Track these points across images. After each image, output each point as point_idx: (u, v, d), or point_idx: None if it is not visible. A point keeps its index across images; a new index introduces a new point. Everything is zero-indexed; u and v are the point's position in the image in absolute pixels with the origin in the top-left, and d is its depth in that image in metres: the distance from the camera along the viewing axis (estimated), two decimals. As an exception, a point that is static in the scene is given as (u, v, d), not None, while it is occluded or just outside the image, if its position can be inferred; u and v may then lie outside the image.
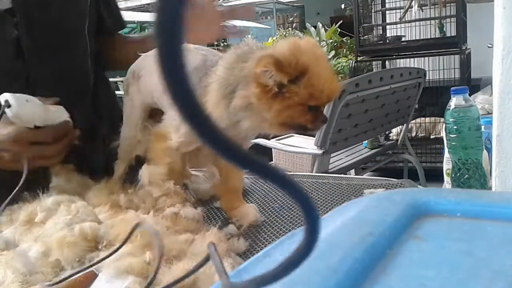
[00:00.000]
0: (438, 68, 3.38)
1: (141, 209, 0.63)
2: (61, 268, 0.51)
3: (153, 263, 0.48)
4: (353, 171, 2.52)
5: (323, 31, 6.26)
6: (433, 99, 3.26)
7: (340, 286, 0.18)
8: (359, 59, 3.46)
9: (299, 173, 1.10)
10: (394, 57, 3.59)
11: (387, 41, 3.49)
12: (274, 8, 10.03)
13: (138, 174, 0.70)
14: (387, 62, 3.82)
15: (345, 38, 5.93)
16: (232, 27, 0.87)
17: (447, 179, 1.10)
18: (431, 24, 3.51)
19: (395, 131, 2.90)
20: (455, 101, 0.97)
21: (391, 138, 2.92)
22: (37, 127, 0.68)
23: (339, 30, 6.16)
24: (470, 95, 1.04)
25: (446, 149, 1.03)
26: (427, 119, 3.37)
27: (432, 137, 3.33)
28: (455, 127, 0.96)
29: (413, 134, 3.38)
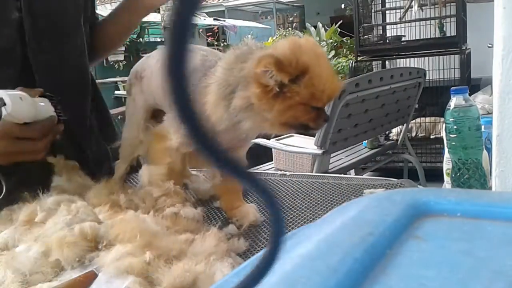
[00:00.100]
0: (438, 68, 3.38)
1: (141, 209, 0.63)
2: (61, 268, 0.51)
3: (153, 262, 0.48)
4: (353, 171, 2.52)
5: (323, 31, 6.26)
6: (433, 99, 3.26)
7: (340, 286, 0.18)
8: (359, 59, 3.46)
9: (299, 173, 1.10)
10: (394, 57, 3.59)
11: (387, 41, 3.49)
12: (274, 8, 10.03)
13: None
14: (387, 62, 3.82)
15: (345, 38, 5.93)
16: (232, 27, 0.86)
17: (447, 179, 1.10)
18: (431, 24, 3.51)
19: (395, 131, 2.90)
20: (455, 101, 0.97)
21: (391, 138, 2.92)
22: (25, 122, 0.67)
23: (339, 30, 6.17)
24: (470, 95, 1.04)
25: (446, 149, 1.03)
26: (427, 119, 3.37)
27: (432, 137, 3.33)
28: (455, 127, 0.96)
29: (413, 134, 3.38)
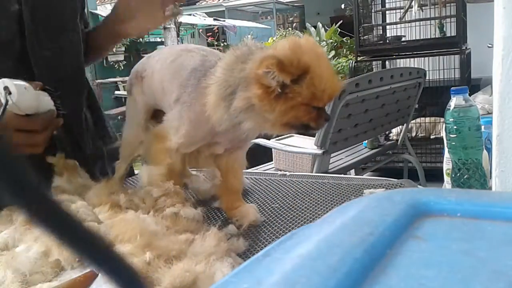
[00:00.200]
0: (438, 68, 3.38)
1: (141, 209, 0.63)
2: (61, 268, 0.51)
3: (153, 262, 0.48)
4: (353, 171, 2.52)
5: (323, 31, 6.26)
6: (433, 99, 3.26)
7: (340, 286, 0.18)
8: (359, 59, 3.46)
9: (299, 173, 1.10)
10: (394, 57, 3.59)
11: (387, 41, 3.49)
12: (274, 8, 10.03)
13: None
14: (387, 62, 3.82)
15: (345, 38, 5.93)
16: (232, 27, 0.86)
17: (447, 179, 1.10)
18: (431, 24, 3.51)
19: (395, 131, 2.90)
20: (455, 101, 0.97)
21: (391, 138, 2.92)
22: (27, 114, 0.66)
23: (339, 30, 6.17)
24: (470, 95, 1.04)
25: (446, 149, 1.03)
26: (427, 119, 3.37)
27: (432, 137, 3.33)
28: (455, 127, 0.96)
29: (413, 134, 3.39)
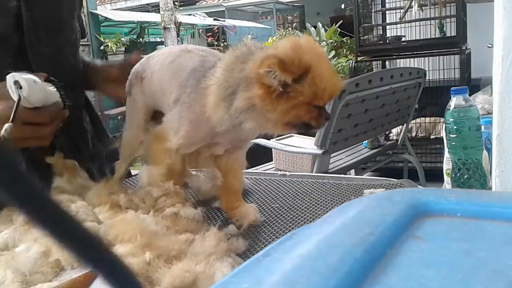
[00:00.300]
0: (438, 68, 3.39)
1: (141, 209, 0.63)
2: (61, 268, 0.51)
3: (153, 262, 0.48)
4: (353, 171, 2.52)
5: (323, 31, 6.27)
6: (433, 99, 3.26)
7: (340, 286, 0.18)
8: (359, 59, 3.47)
9: (299, 173, 1.10)
10: (394, 57, 3.59)
11: (387, 41, 3.49)
12: (274, 8, 10.03)
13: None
14: (387, 62, 3.82)
15: (345, 38, 5.94)
16: (232, 27, 0.87)
17: (447, 179, 1.10)
18: (431, 24, 3.51)
19: (395, 131, 2.90)
20: (455, 101, 0.97)
21: (391, 138, 2.92)
22: (35, 107, 0.65)
23: (339, 30, 6.17)
24: (470, 95, 1.04)
25: (446, 149, 1.03)
26: (427, 119, 3.38)
27: (432, 137, 3.33)
28: (455, 127, 0.96)
29: (413, 134, 3.39)
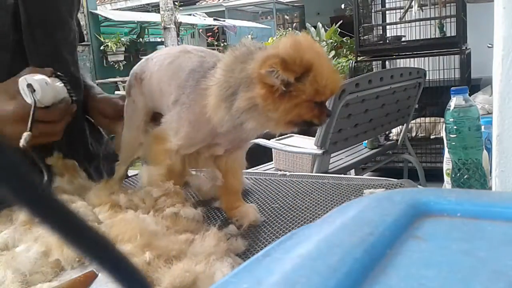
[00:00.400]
0: (438, 68, 3.39)
1: (141, 209, 0.63)
2: (61, 268, 0.51)
3: (153, 262, 0.48)
4: (353, 171, 2.52)
5: (323, 31, 6.27)
6: (433, 99, 3.26)
7: (340, 286, 0.18)
8: (359, 59, 3.47)
9: (299, 173, 1.10)
10: (394, 57, 3.59)
11: (387, 41, 3.49)
12: (274, 8, 10.04)
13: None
14: (387, 62, 3.82)
15: (345, 38, 5.94)
16: (232, 27, 0.86)
17: (447, 179, 1.10)
18: (431, 24, 3.51)
19: (395, 131, 2.90)
20: (455, 101, 0.97)
21: (391, 138, 2.92)
22: (46, 106, 0.66)
23: (339, 30, 6.18)
24: (470, 95, 1.04)
25: (446, 149, 1.03)
26: (427, 119, 3.38)
27: (432, 137, 3.34)
28: (455, 127, 0.96)
29: (413, 134, 3.39)
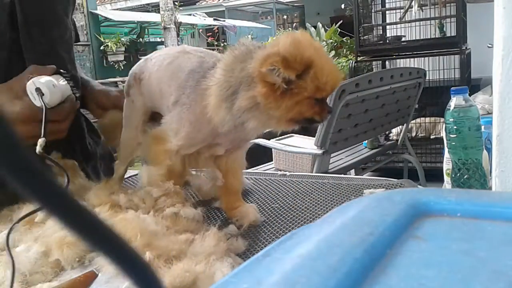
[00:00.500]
0: (438, 68, 3.38)
1: (141, 209, 0.63)
2: (61, 268, 0.51)
3: (153, 262, 0.48)
4: (353, 171, 2.52)
5: (323, 31, 6.28)
6: (433, 99, 3.26)
7: (340, 286, 0.18)
8: (359, 59, 3.46)
9: (299, 173, 1.10)
10: (394, 57, 3.59)
11: (387, 41, 3.49)
12: (274, 8, 10.04)
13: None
14: (387, 62, 3.82)
15: (345, 38, 5.94)
16: (232, 27, 0.86)
17: (447, 179, 1.10)
18: (431, 24, 3.51)
19: (395, 131, 2.90)
20: (455, 101, 0.97)
21: (391, 138, 2.92)
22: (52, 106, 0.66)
23: (339, 30, 6.18)
24: (470, 95, 1.04)
25: (446, 149, 1.03)
26: (427, 119, 3.37)
27: (432, 137, 3.33)
28: (455, 127, 0.96)
29: (413, 134, 3.39)
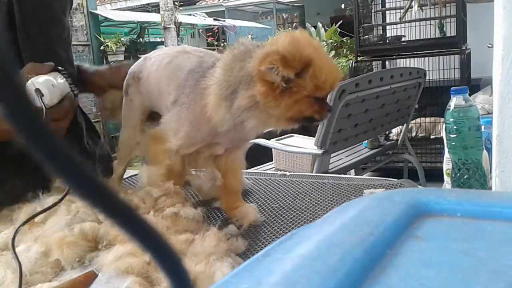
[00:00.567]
0: (438, 68, 3.38)
1: (141, 209, 0.63)
2: (61, 268, 0.51)
3: (153, 262, 0.48)
4: (353, 171, 2.52)
5: (323, 31, 6.27)
6: (433, 99, 3.26)
7: (340, 286, 0.18)
8: (359, 59, 3.46)
9: (299, 173, 1.10)
10: (394, 57, 3.59)
11: (387, 41, 3.49)
12: (274, 8, 10.03)
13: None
14: (387, 62, 3.82)
15: (345, 38, 5.94)
16: (232, 27, 0.86)
17: (447, 179, 1.10)
18: (431, 24, 3.51)
19: (395, 131, 2.90)
20: (455, 101, 0.97)
21: (391, 138, 2.91)
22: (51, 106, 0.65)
23: (339, 30, 6.17)
24: (470, 95, 1.04)
25: (446, 149, 1.03)
26: (427, 119, 3.37)
27: (432, 137, 3.33)
28: (455, 127, 0.95)
29: (413, 134, 3.39)
